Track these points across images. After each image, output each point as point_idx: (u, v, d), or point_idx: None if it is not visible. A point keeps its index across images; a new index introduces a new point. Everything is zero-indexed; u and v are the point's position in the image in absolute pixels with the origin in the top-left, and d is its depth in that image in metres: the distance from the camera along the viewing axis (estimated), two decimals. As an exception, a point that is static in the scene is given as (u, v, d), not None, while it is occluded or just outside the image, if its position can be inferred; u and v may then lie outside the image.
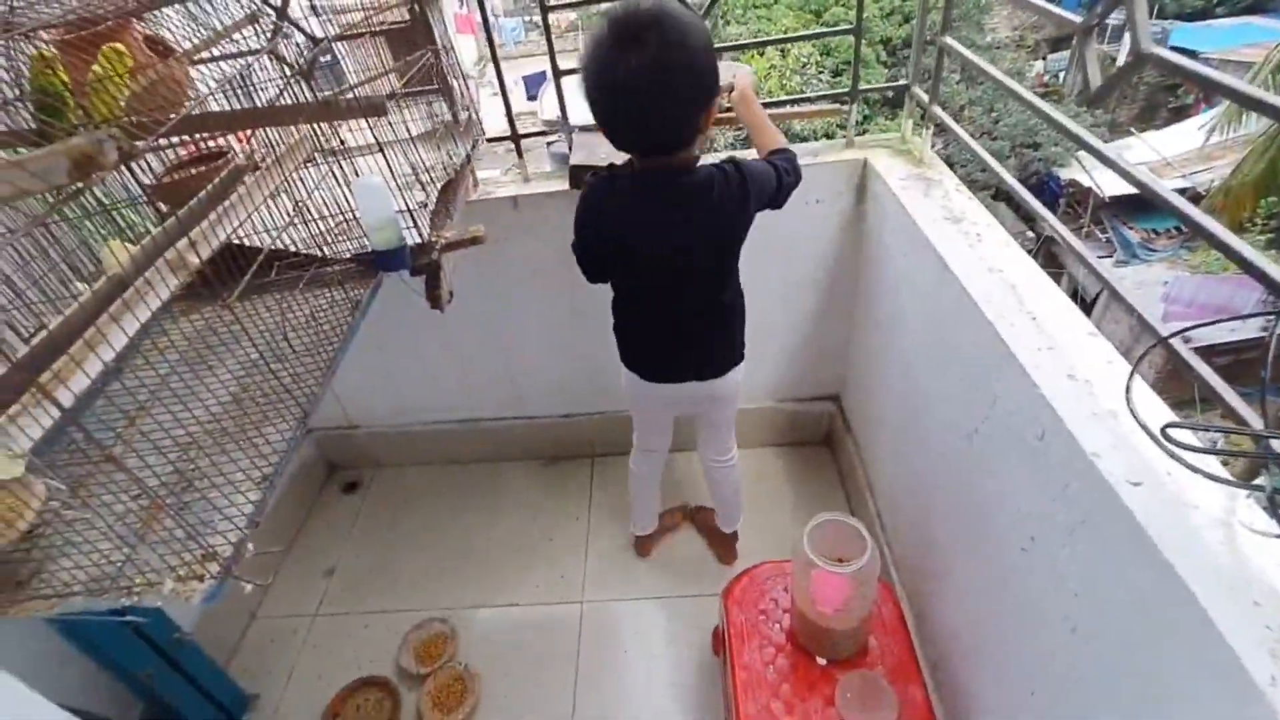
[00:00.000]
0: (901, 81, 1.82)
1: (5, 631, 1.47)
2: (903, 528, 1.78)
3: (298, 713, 1.96)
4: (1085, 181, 10.71)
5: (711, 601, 2.00)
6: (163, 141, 1.52)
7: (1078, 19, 1.00)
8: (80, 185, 0.58)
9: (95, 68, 1.07)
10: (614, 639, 2.02)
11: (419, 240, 1.40)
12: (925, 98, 1.69)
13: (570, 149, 1.95)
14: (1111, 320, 10.00)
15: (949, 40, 1.53)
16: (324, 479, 2.73)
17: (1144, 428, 0.79)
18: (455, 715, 1.86)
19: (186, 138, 1.61)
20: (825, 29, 7.81)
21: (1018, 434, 1.04)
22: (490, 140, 2.15)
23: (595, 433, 2.50)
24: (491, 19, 2.02)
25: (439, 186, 1.65)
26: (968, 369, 1.24)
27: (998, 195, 10.71)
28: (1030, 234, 11.13)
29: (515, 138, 2.09)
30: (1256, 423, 0.70)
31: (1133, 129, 11.71)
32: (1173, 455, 0.74)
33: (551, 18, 1.83)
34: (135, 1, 1.24)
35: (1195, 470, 0.72)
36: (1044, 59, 14.30)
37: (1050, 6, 1.12)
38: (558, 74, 1.92)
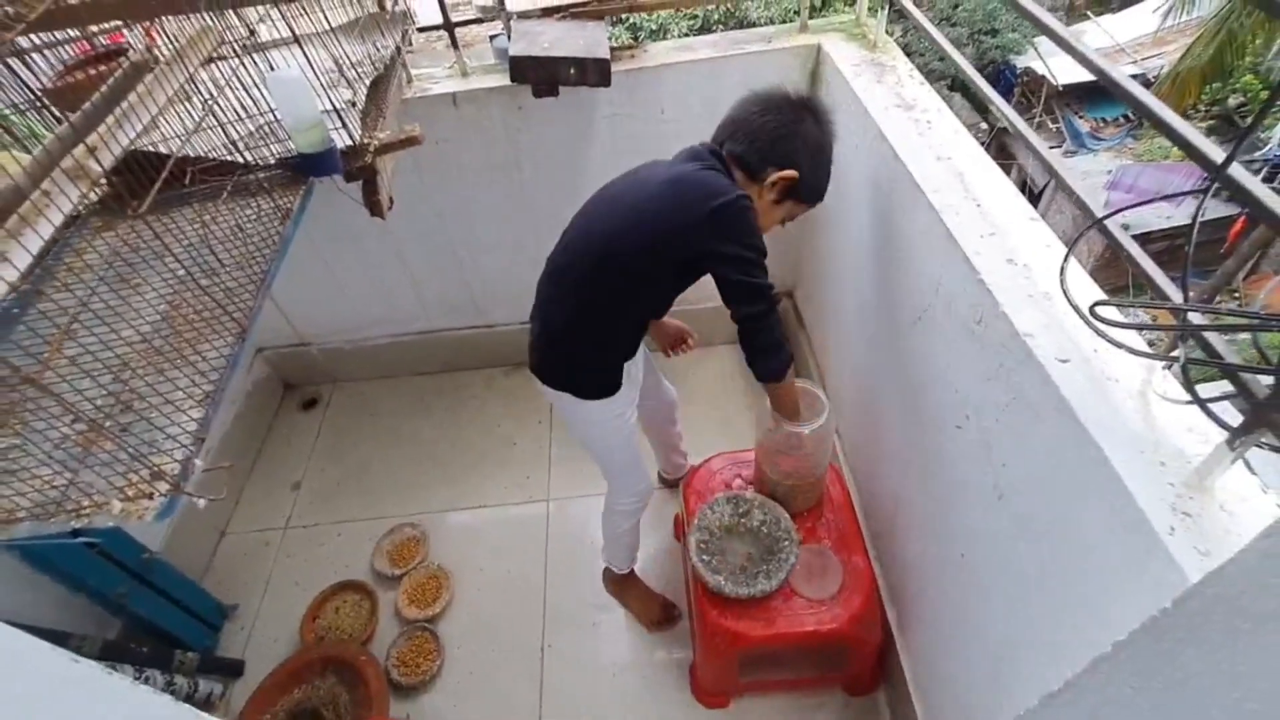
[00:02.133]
0: (857, -43, 1.72)
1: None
2: (851, 415, 1.87)
3: (277, 618, 2.03)
4: (1040, 69, 10.57)
5: (674, 493, 2.10)
6: (48, 37, 1.36)
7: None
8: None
9: None
10: (581, 532, 2.11)
11: (350, 143, 1.31)
12: (881, -25, 1.61)
13: (509, 39, 1.81)
14: (1056, 211, 10.23)
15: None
16: (280, 397, 2.69)
17: (1074, 306, 0.82)
18: (431, 609, 1.95)
19: (76, 33, 1.44)
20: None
21: (959, 319, 1.07)
22: (421, 30, 1.98)
23: (553, 339, 2.50)
24: None
25: (368, 83, 1.53)
26: (913, 257, 1.26)
27: (954, 85, 10.53)
28: (984, 125, 11.07)
29: (449, 26, 1.92)
30: (1180, 300, 0.74)
31: (1089, 12, 11.46)
32: (1098, 332, 0.78)
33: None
34: None
35: (1118, 345, 0.76)
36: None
37: None
38: (491, -50, 1.75)
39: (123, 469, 0.74)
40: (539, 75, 1.71)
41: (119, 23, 1.42)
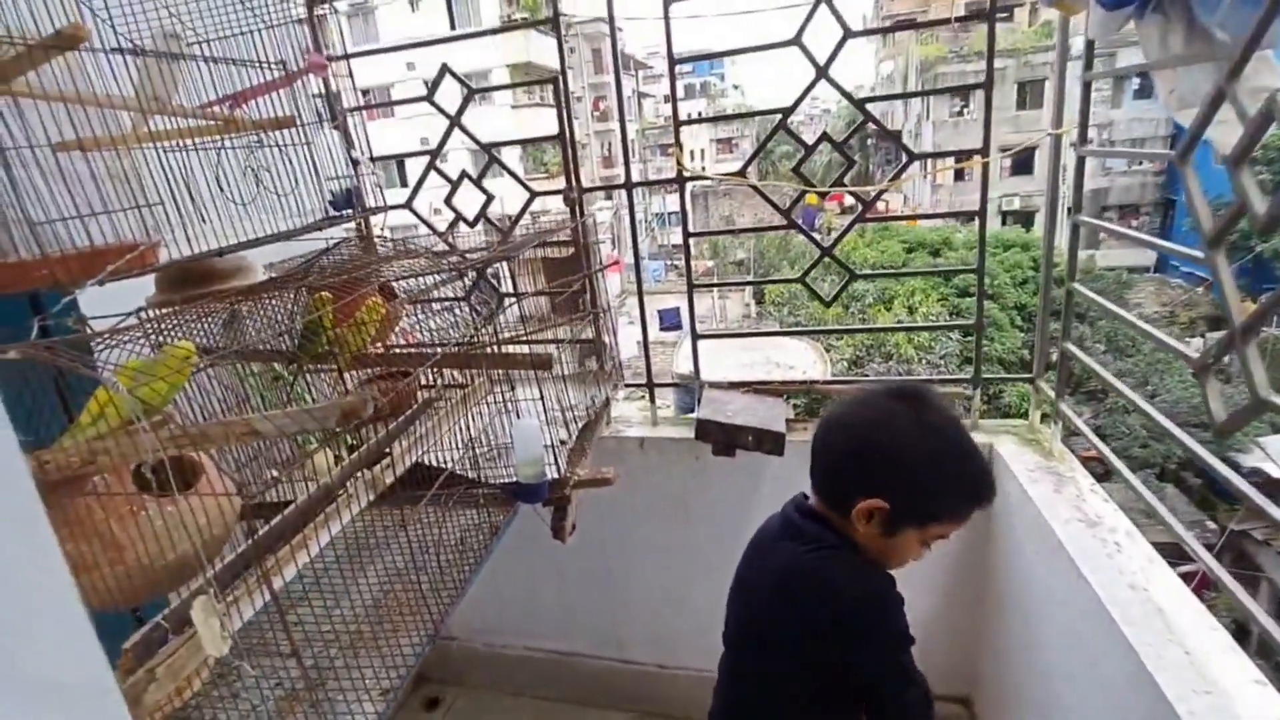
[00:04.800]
0: (1026, 375, 1.88)
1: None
2: None
3: None
4: (1273, 472, 9.46)
5: None
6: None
7: (1196, 354, 1.05)
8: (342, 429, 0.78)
9: (361, 313, 1.43)
10: None
11: (556, 475, 1.56)
12: (1051, 393, 1.74)
13: (699, 403, 2.15)
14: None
15: (1070, 347, 1.62)
16: (410, 689, 2.70)
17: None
18: None
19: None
20: (950, 323, 7.99)
21: (1182, 793, 0.89)
22: (629, 385, 2.43)
23: (692, 691, 2.34)
24: (640, 262, 2.40)
25: (579, 426, 1.87)
26: (1112, 697, 1.10)
27: (1164, 475, 9.58)
28: (1211, 524, 9.71)
29: (650, 386, 2.34)
30: None
31: (1322, 421, 10.49)
32: None
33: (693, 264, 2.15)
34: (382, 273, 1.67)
35: None
36: (1203, 335, 13.76)
37: (1172, 341, 1.19)
38: (695, 336, 2.19)
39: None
40: (720, 438, 1.96)
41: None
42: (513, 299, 2.24)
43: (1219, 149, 0.95)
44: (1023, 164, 18.41)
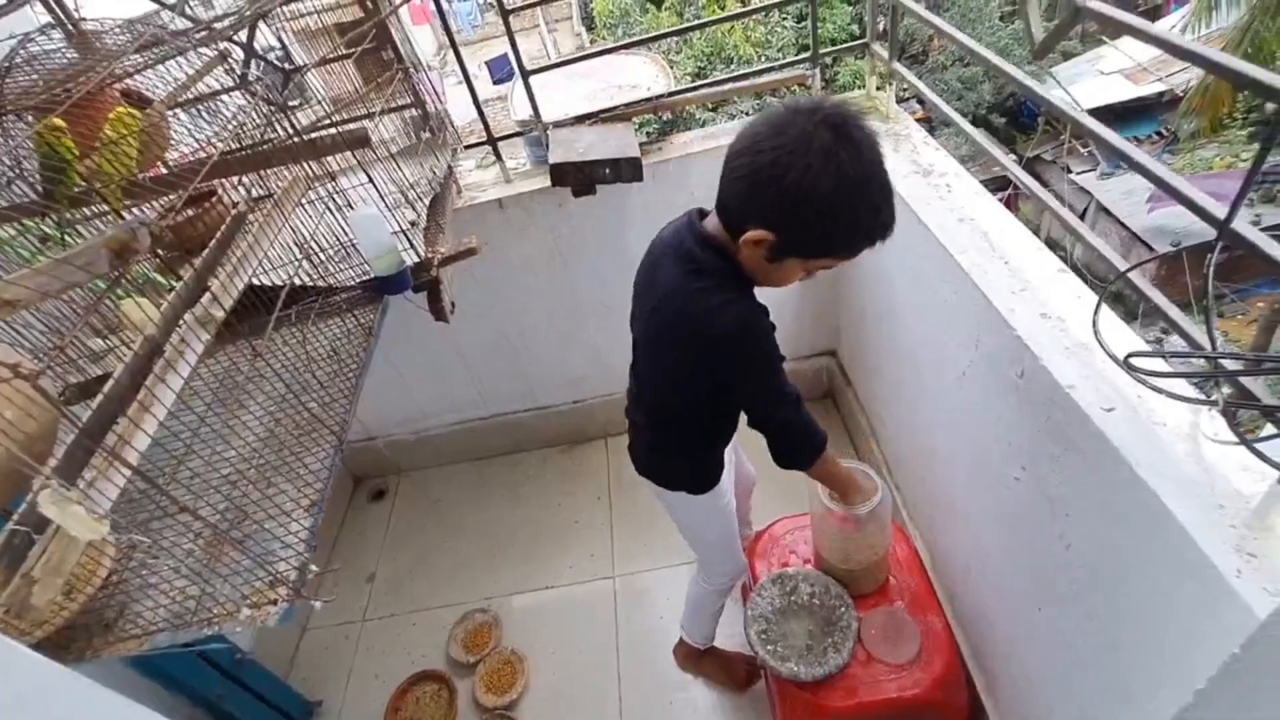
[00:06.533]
0: (860, 41, 1.84)
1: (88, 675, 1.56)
2: (909, 470, 1.86)
3: (360, 713, 2.08)
4: (1062, 94, 10.61)
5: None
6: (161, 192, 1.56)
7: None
8: (119, 272, 0.64)
9: (107, 130, 1.12)
10: (649, 607, 2.12)
11: (416, 259, 1.45)
12: (885, 54, 1.72)
13: (547, 146, 1.98)
14: (1101, 232, 10.03)
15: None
16: (351, 490, 2.82)
17: (1111, 357, 0.85)
18: (508, 696, 1.97)
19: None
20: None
21: (1001, 373, 1.10)
22: (468, 147, 2.19)
23: (606, 415, 2.59)
24: (445, 5, 2.02)
25: (427, 202, 1.70)
26: (950, 315, 1.30)
27: (976, 120, 10.60)
28: (1012, 155, 11.11)
29: (492, 141, 2.12)
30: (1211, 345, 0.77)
31: (1104, 37, 11.56)
32: (1139, 380, 0.81)
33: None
34: (113, 66, 1.28)
35: (1158, 391, 0.79)
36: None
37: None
38: (525, 74, 1.94)
39: (246, 577, 0.83)
40: (578, 178, 1.86)
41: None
42: (297, 72, 1.83)
43: None
44: None
